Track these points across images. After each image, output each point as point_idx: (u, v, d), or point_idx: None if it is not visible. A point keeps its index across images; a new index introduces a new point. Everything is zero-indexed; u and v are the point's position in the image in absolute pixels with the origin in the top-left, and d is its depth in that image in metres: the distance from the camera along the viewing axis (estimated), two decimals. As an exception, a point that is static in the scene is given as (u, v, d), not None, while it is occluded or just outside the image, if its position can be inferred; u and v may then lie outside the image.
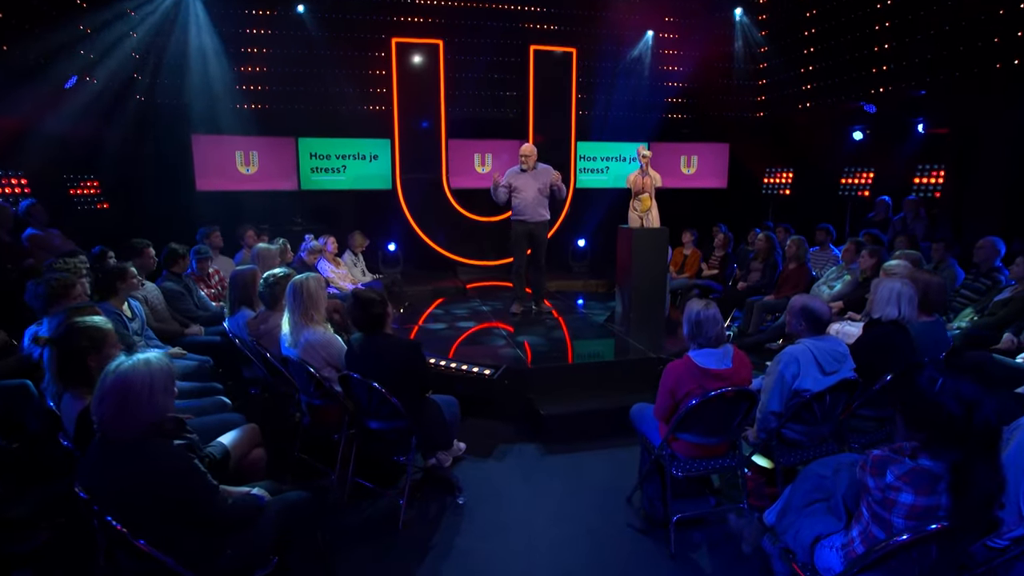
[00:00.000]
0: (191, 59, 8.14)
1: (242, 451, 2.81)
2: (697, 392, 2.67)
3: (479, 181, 9.54)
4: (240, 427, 2.89)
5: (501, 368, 4.41)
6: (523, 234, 6.09)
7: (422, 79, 8.81)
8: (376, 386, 2.92)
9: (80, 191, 7.80)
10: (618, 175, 10.03)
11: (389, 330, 3.11)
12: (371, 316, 3.00)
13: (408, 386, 3.05)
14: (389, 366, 2.99)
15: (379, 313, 3.00)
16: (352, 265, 7.51)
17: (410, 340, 3.14)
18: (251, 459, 2.87)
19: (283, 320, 3.41)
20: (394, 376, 2.99)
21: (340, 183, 9.23)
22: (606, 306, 6.75)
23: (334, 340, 3.32)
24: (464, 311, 6.70)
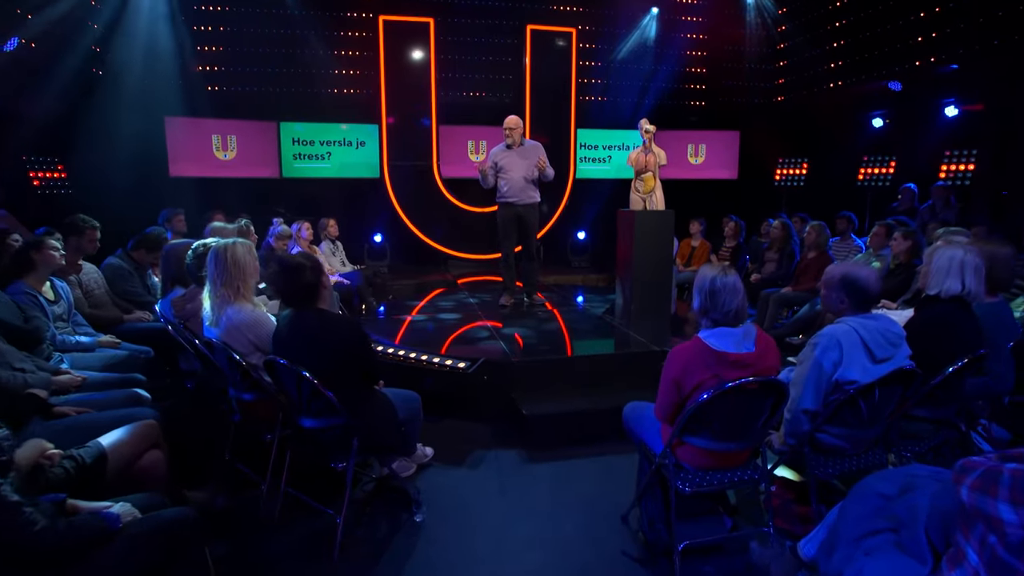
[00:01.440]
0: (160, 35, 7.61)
1: (130, 453, 2.22)
2: (710, 383, 2.06)
3: (473, 170, 8.82)
4: (130, 424, 2.30)
5: (479, 361, 3.80)
6: (511, 218, 5.49)
7: (412, 61, 8.27)
8: (306, 375, 2.32)
9: (41, 173, 7.28)
10: (621, 165, 9.42)
11: (324, 305, 2.51)
12: (299, 287, 2.40)
13: (348, 375, 2.45)
14: (323, 349, 2.39)
15: (309, 283, 2.40)
16: (330, 255, 6.92)
17: (350, 318, 2.54)
18: (144, 463, 2.27)
19: (203, 294, 2.82)
20: (330, 362, 2.39)
21: (325, 171, 8.67)
22: (606, 299, 6.13)
23: (264, 319, 2.73)
24: (449, 303, 6.10)
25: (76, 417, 2.57)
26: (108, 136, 7.39)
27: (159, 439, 2.37)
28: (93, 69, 7.18)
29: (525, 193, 5.43)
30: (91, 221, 4.27)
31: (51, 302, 3.75)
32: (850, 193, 8.40)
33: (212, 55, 8.24)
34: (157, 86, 7.76)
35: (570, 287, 7.06)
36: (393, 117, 8.34)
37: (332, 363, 2.39)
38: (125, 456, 2.18)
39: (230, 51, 8.27)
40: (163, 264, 3.61)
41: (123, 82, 7.36)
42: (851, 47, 8.36)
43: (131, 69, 7.40)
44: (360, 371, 2.50)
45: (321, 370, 2.35)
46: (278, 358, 2.38)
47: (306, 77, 8.58)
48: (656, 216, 5.37)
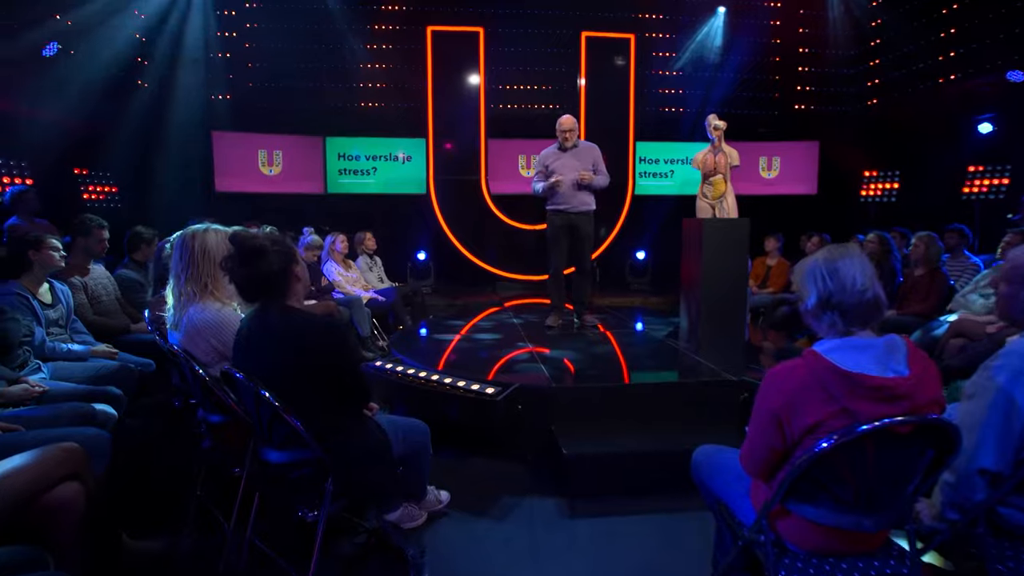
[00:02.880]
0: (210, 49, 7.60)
1: (31, 485, 1.70)
2: (835, 423, 1.34)
3: (523, 185, 8.44)
4: (38, 449, 1.79)
5: (511, 388, 3.15)
6: (562, 227, 4.85)
7: (460, 72, 7.93)
8: (265, 395, 1.75)
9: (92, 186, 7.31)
10: (684, 180, 8.69)
11: (296, 302, 1.96)
12: (259, 275, 1.85)
13: (321, 394, 1.87)
14: (287, 359, 1.82)
15: (272, 271, 1.85)
16: (367, 270, 6.51)
17: (327, 318, 1.96)
18: (54, 498, 1.75)
19: (167, 290, 2.33)
20: (296, 376, 1.82)
21: (369, 186, 8.39)
22: (669, 322, 5.37)
23: (232, 321, 2.19)
24: (490, 323, 5.49)
25: (7, 436, 2.11)
26: (156, 150, 7.37)
27: (81, 468, 1.85)
28: (139, 81, 7.18)
29: (578, 199, 4.79)
30: (97, 220, 3.97)
31: (47, 306, 3.41)
32: (953, 208, 7.29)
33: (260, 71, 8.18)
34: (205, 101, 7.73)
35: (627, 310, 6.32)
36: (440, 131, 7.97)
37: (299, 378, 1.82)
38: (22, 489, 1.66)
39: (279, 66, 8.18)
40: (153, 264, 3.21)
41: (169, 95, 7.34)
42: (961, 36, 7.29)
43: (178, 83, 7.38)
44: (339, 390, 1.90)
45: (284, 387, 1.77)
46: (234, 370, 1.82)
47: (353, 91, 8.40)
48: (727, 225, 4.62)
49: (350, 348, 1.91)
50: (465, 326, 5.26)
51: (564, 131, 4.79)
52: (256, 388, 1.76)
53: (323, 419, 1.85)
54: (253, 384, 1.77)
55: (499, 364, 3.81)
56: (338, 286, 5.86)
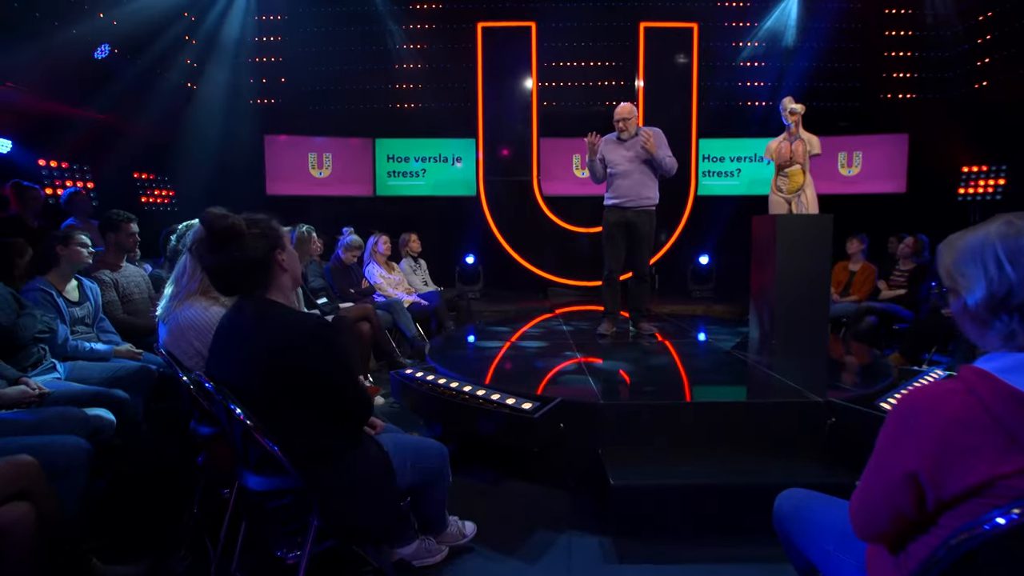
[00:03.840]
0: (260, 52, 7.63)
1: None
2: (1020, 480, 0.87)
3: (578, 186, 8.06)
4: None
5: (553, 402, 2.74)
6: (619, 225, 4.38)
7: (511, 69, 7.63)
8: (236, 411, 1.43)
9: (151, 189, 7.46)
10: (752, 179, 8.03)
11: (282, 297, 1.64)
12: (234, 264, 1.53)
13: (305, 409, 1.53)
14: (259, 364, 1.50)
15: (250, 258, 1.53)
16: (411, 272, 6.27)
17: (316, 318, 1.61)
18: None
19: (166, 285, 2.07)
20: (269, 385, 1.49)
21: (419, 188, 8.20)
22: (736, 332, 4.81)
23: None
24: (538, 331, 5.10)
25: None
26: (210, 154, 7.44)
27: (33, 485, 1.60)
28: (188, 83, 7.25)
29: (637, 192, 4.32)
30: (125, 214, 3.86)
31: (72, 303, 3.30)
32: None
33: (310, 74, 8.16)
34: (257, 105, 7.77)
35: (689, 319, 5.78)
36: (491, 130, 7.69)
37: (276, 388, 1.49)
38: None
39: (329, 69, 8.14)
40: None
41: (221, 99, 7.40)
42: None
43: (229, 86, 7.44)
44: (327, 404, 1.56)
45: (259, 398, 1.45)
46: (203, 377, 1.52)
47: (402, 92, 8.24)
48: (806, 222, 4.06)
49: (341, 354, 1.57)
50: (510, 333, 4.89)
51: (619, 120, 4.36)
52: (224, 400, 1.44)
53: (306, 439, 1.52)
54: (221, 396, 1.45)
55: (544, 376, 3.40)
56: (379, 288, 5.64)
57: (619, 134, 4.38)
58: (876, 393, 2.86)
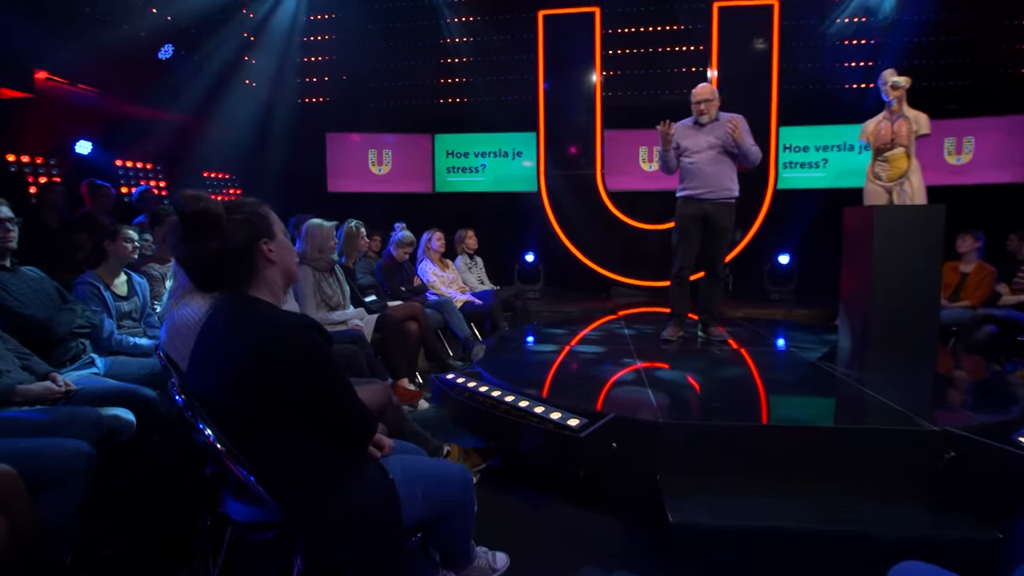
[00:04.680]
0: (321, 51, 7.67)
1: None
2: None
3: (644, 181, 7.61)
4: None
5: (605, 418, 2.40)
6: (694, 218, 3.93)
7: (574, 58, 7.25)
8: (205, 431, 1.21)
9: (221, 189, 7.67)
10: (841, 170, 7.28)
11: (269, 293, 1.39)
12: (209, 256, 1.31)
13: (287, 427, 1.28)
14: (239, 375, 1.27)
15: (228, 249, 1.30)
16: (466, 270, 6.05)
17: (300, 317, 1.34)
18: None
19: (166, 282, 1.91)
20: (250, 399, 1.26)
21: (478, 184, 7.99)
22: (822, 339, 4.25)
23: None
24: (595, 334, 4.74)
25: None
26: (273, 152, 7.56)
27: (9, 496, 1.45)
28: (246, 80, 7.35)
29: (718, 183, 3.86)
30: (169, 208, 3.84)
31: (120, 297, 3.28)
32: None
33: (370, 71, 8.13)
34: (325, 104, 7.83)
35: (766, 324, 5.22)
36: (552, 123, 7.36)
37: (248, 400, 1.25)
38: None
39: (391, 66, 8.09)
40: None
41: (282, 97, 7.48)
42: None
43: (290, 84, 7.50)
44: (312, 422, 1.31)
45: (234, 413, 1.22)
46: (175, 386, 1.30)
47: (461, 87, 8.07)
48: (911, 214, 3.49)
49: (328, 360, 1.31)
50: (567, 336, 4.55)
51: (699, 102, 3.90)
52: (193, 416, 1.22)
53: (288, 462, 1.27)
54: (191, 412, 1.23)
55: (597, 387, 3.06)
56: (432, 287, 5.45)
57: (698, 118, 3.93)
58: (1009, 423, 2.33)
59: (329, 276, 4.08)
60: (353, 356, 3.16)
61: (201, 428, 1.21)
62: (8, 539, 1.43)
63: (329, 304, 4.01)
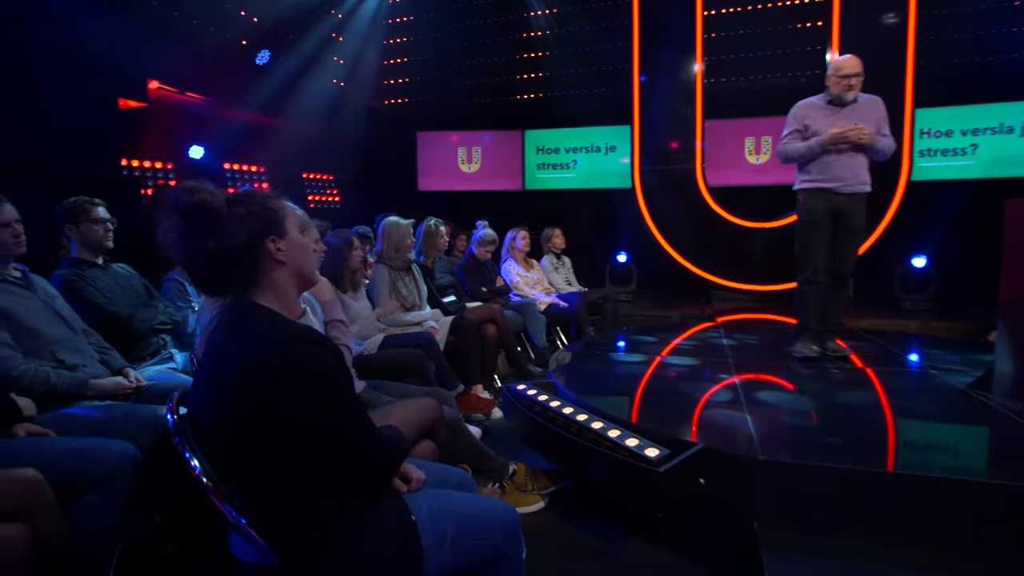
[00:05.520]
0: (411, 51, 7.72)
1: None
2: None
3: (750, 175, 6.96)
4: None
5: (691, 450, 2.04)
6: (824, 213, 3.32)
7: (672, 42, 6.74)
8: (192, 461, 1.04)
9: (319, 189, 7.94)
10: (994, 157, 6.21)
11: (274, 299, 1.21)
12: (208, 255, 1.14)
13: (285, 462, 1.09)
14: (230, 398, 1.08)
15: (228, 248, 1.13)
16: (552, 270, 5.78)
17: (299, 330, 1.12)
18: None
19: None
20: (244, 427, 1.07)
21: (569, 181, 7.70)
22: (970, 360, 3.54)
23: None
24: (690, 343, 4.29)
25: (24, 441, 1.80)
26: (366, 152, 7.71)
27: (33, 504, 1.40)
28: (334, 80, 7.49)
29: (855, 175, 3.27)
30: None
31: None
32: None
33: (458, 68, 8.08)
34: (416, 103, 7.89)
35: (895, 337, 4.48)
36: (648, 114, 6.90)
37: (240, 428, 1.07)
38: None
39: (480, 62, 7.99)
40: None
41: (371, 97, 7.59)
42: None
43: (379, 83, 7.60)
44: (315, 455, 1.11)
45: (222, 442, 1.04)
46: (169, 409, 1.15)
47: (551, 80, 7.79)
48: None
49: (332, 387, 1.10)
50: (657, 345, 4.15)
51: (847, 76, 3.24)
52: (180, 443, 1.06)
53: (285, 502, 1.08)
54: (179, 438, 1.07)
55: (687, 409, 2.68)
56: (515, 288, 5.25)
57: (840, 95, 3.29)
58: None
59: (405, 275, 3.98)
60: (418, 361, 3.00)
61: (188, 457, 1.05)
62: (28, 548, 1.36)
63: (404, 304, 3.90)
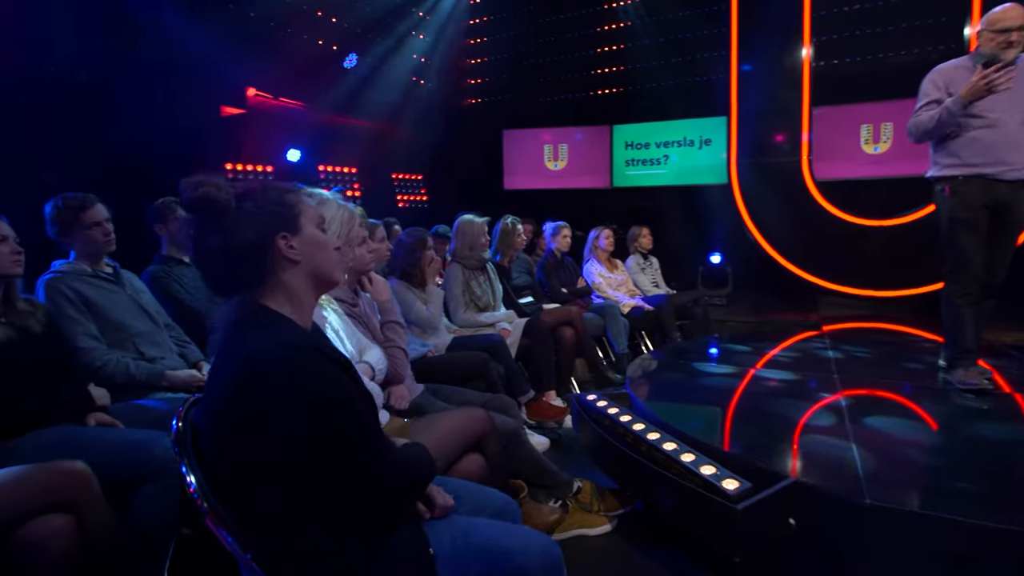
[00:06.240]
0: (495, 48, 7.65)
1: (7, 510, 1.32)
2: None
3: (866, 166, 6.27)
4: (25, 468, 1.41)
5: (777, 484, 1.74)
6: (982, 207, 2.69)
7: (774, 24, 6.19)
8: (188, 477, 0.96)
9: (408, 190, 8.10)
10: None
11: (284, 301, 1.10)
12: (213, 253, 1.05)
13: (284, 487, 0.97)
14: (225, 416, 0.98)
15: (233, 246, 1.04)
16: (638, 271, 5.48)
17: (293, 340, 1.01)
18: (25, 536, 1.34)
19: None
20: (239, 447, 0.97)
21: (660, 178, 7.32)
22: None
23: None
24: (789, 354, 3.85)
25: (92, 430, 1.87)
26: (452, 152, 7.76)
27: (78, 497, 1.42)
28: (414, 78, 7.54)
29: (1018, 156, 2.63)
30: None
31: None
32: None
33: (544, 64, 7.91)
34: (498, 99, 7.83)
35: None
36: (747, 103, 6.38)
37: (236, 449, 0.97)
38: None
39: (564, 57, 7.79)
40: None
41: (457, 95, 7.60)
42: None
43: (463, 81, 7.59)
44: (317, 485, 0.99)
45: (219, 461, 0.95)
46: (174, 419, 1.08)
47: (641, 72, 7.42)
48: None
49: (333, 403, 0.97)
50: (751, 356, 3.75)
51: (1007, 30, 2.55)
52: (179, 454, 0.98)
53: (285, 530, 0.97)
54: (178, 448, 0.99)
55: (780, 433, 2.34)
56: (597, 289, 5.01)
57: (998, 53, 2.58)
58: None
59: (480, 275, 3.89)
60: (482, 365, 2.88)
61: (184, 472, 0.97)
62: (75, 538, 1.38)
63: (478, 305, 3.81)
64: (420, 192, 8.45)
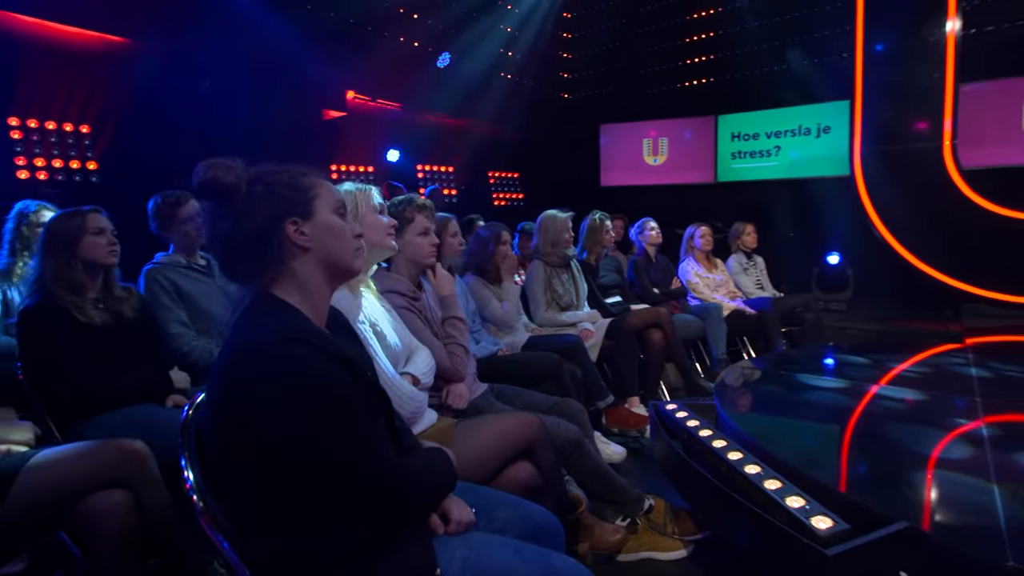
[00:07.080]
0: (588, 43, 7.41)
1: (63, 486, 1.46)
2: None
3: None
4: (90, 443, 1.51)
5: (885, 528, 1.44)
6: None
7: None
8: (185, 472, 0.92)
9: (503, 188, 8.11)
10: None
11: (294, 290, 1.03)
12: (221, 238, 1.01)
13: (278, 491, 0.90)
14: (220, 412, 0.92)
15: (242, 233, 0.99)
16: (740, 272, 5.04)
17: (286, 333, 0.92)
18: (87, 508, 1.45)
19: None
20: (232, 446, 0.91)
21: (770, 171, 6.74)
22: None
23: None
24: (920, 370, 3.31)
25: (167, 411, 1.99)
26: (549, 148, 7.64)
27: (136, 474, 1.48)
28: (502, 73, 7.42)
29: None
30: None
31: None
32: None
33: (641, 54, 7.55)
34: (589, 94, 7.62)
35: None
36: (875, 83, 5.67)
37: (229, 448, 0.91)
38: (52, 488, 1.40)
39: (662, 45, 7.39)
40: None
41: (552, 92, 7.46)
42: None
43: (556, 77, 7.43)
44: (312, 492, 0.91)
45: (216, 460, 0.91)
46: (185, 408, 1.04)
47: (748, 57, 6.85)
48: None
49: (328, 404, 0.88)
50: (873, 371, 3.26)
51: None
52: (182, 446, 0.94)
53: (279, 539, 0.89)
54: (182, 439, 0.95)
55: (896, 463, 1.98)
56: (693, 289, 4.68)
57: None
58: None
59: (563, 272, 3.74)
60: (555, 367, 2.72)
61: (183, 466, 0.93)
62: (132, 513, 1.43)
63: (560, 303, 3.67)
64: (516, 190, 8.44)
